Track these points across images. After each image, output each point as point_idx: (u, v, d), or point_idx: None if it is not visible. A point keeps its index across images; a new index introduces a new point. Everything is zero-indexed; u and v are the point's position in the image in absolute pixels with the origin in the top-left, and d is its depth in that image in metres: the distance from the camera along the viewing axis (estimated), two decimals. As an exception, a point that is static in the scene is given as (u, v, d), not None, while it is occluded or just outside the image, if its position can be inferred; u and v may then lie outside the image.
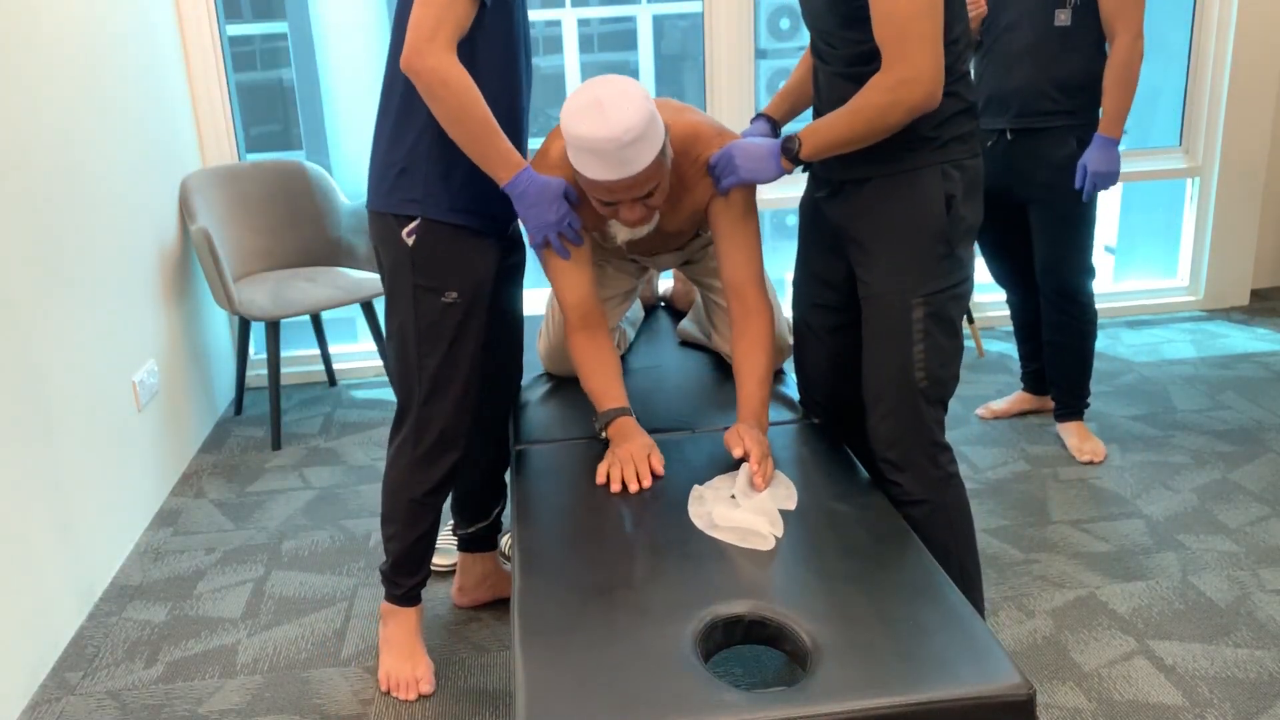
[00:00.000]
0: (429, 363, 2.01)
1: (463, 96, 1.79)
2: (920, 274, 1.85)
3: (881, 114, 1.73)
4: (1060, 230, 2.91)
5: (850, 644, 1.41)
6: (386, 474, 2.12)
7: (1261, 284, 4.52)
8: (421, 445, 2.07)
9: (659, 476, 1.90)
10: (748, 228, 1.99)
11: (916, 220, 1.84)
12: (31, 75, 2.45)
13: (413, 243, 1.94)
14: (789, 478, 1.87)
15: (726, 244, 2.00)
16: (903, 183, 1.85)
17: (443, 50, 1.77)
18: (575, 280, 2.02)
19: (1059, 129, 2.83)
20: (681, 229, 2.10)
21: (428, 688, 2.19)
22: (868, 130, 1.76)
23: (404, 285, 1.98)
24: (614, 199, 1.83)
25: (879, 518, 1.73)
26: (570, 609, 1.52)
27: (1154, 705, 2.04)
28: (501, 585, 2.48)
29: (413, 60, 1.77)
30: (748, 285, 1.99)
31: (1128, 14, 2.68)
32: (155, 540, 2.86)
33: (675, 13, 4.10)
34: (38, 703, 2.20)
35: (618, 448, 1.93)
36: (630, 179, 1.79)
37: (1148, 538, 2.63)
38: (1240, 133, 4.09)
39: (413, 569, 2.17)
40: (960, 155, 1.86)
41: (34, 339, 2.35)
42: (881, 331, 1.89)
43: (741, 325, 2.00)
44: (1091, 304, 2.99)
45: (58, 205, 2.53)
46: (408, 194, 1.93)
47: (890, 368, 1.89)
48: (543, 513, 1.80)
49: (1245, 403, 3.39)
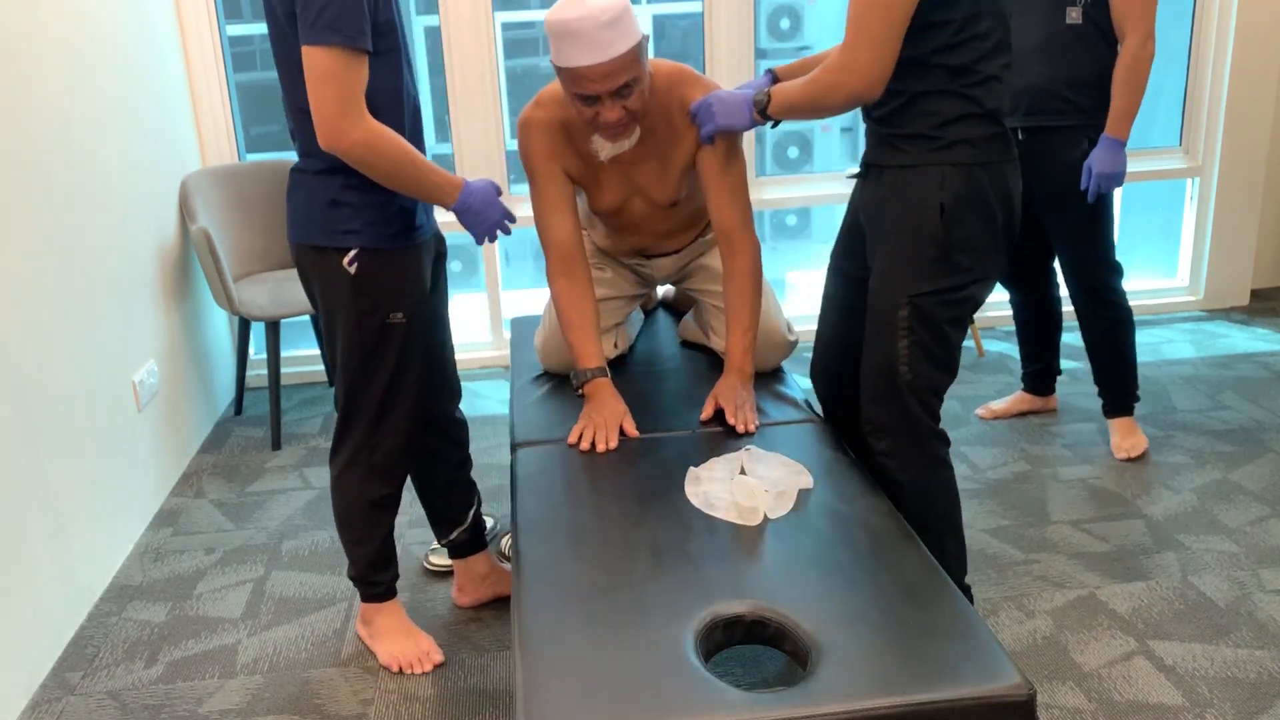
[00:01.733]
0: (379, 380, 2.04)
1: (393, 155, 1.82)
2: (907, 274, 1.88)
3: (826, 91, 1.83)
4: (1079, 232, 2.87)
5: (850, 644, 1.41)
6: (339, 484, 2.14)
7: (1261, 284, 4.52)
8: (377, 455, 2.11)
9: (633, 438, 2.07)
10: (733, 172, 2.12)
11: (911, 219, 1.87)
12: (31, 75, 2.45)
13: (355, 270, 1.95)
14: (789, 478, 1.87)
15: (714, 190, 2.12)
16: (904, 178, 1.88)
17: (358, 121, 1.78)
18: (558, 220, 2.15)
19: (1070, 128, 2.80)
20: (676, 192, 2.17)
21: (439, 656, 2.25)
22: (814, 104, 1.85)
23: (348, 312, 1.99)
24: (594, 92, 1.92)
25: (880, 518, 1.73)
26: (570, 609, 1.52)
27: (1154, 705, 2.04)
28: (502, 583, 2.48)
29: (336, 142, 1.78)
30: (734, 228, 2.12)
31: (1139, 14, 2.65)
32: (155, 540, 2.85)
33: (675, 13, 4.09)
34: (38, 703, 2.20)
35: (592, 410, 2.10)
36: (607, 63, 1.88)
37: (1148, 538, 2.63)
38: (1240, 133, 4.09)
39: (385, 564, 2.23)
40: (965, 159, 1.85)
41: (34, 339, 2.35)
42: (872, 322, 1.95)
43: (729, 267, 2.13)
44: (1123, 301, 2.94)
45: (57, 205, 2.53)
46: (344, 225, 1.94)
47: (877, 359, 1.95)
48: (542, 513, 1.80)
49: (1245, 403, 3.39)
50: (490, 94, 3.80)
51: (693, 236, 2.39)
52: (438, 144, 4.10)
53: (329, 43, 1.73)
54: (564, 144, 2.13)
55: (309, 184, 1.95)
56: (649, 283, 2.49)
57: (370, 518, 2.15)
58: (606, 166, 2.16)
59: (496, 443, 3.37)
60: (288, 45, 1.85)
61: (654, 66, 2.10)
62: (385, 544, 2.20)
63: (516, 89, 4.02)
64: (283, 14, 1.82)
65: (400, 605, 2.29)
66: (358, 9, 1.74)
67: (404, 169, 1.85)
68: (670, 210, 2.24)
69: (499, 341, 4.12)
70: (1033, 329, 3.24)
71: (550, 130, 2.12)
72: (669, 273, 2.46)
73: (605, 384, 2.14)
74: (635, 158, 2.15)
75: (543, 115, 2.12)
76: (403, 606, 2.31)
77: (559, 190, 2.15)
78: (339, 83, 1.75)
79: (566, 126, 2.12)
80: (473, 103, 3.81)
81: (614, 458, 1.99)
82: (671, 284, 2.53)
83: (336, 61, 1.74)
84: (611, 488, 1.87)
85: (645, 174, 2.17)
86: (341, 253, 1.94)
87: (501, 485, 3.09)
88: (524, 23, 3.99)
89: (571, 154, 2.14)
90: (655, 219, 2.26)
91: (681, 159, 2.14)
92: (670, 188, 2.18)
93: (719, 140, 2.10)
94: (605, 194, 2.20)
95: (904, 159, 1.88)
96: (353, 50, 1.75)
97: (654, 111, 2.10)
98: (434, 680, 2.22)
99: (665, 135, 2.11)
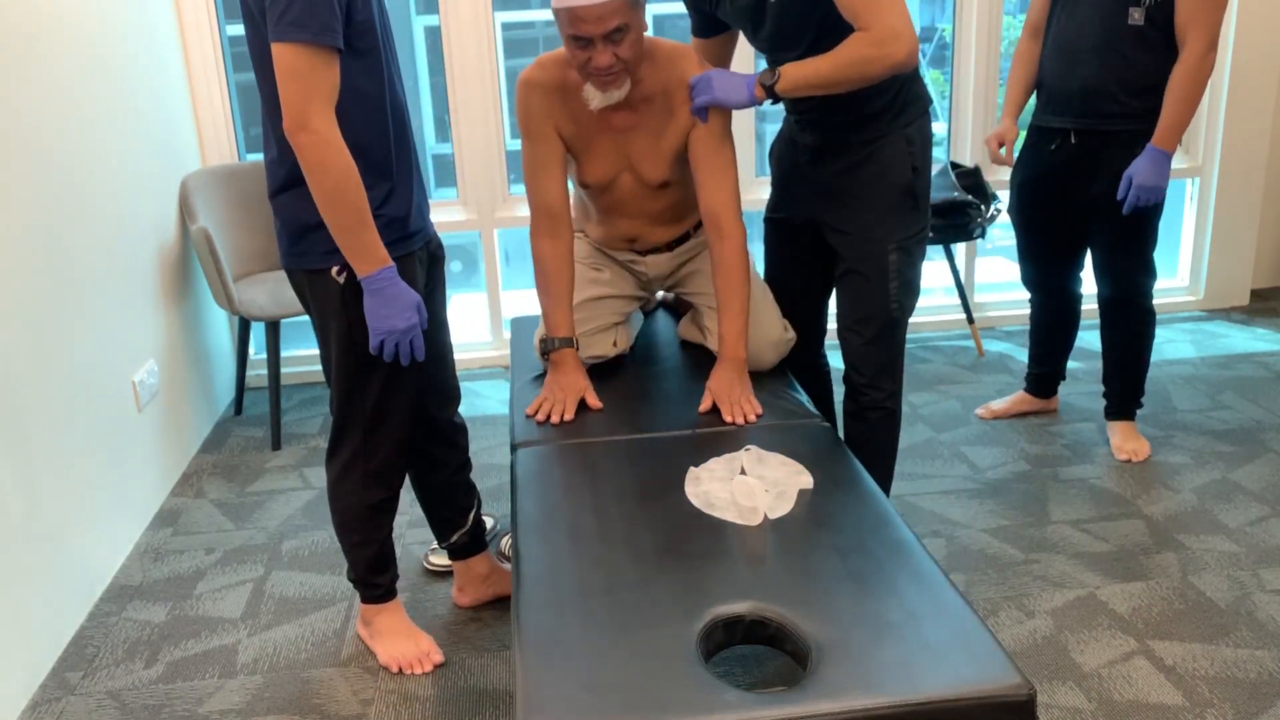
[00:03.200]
0: (372, 389, 2.03)
1: (344, 172, 1.78)
2: (893, 226, 2.20)
3: (865, 63, 1.95)
4: (1123, 241, 2.80)
5: (850, 644, 1.41)
6: (336, 489, 2.14)
7: (1261, 284, 4.52)
8: (373, 461, 2.10)
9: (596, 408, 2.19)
10: (723, 155, 2.16)
11: (889, 181, 2.18)
12: (32, 75, 2.45)
13: (344, 280, 1.93)
14: (789, 478, 1.87)
15: (704, 172, 2.16)
16: (877, 149, 2.18)
17: (323, 116, 1.75)
18: (547, 180, 2.20)
19: (1126, 133, 2.69)
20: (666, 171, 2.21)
21: (439, 656, 2.25)
22: (847, 77, 1.97)
23: (339, 322, 1.97)
24: (587, 34, 1.95)
25: (879, 519, 1.73)
26: (570, 609, 1.52)
27: (1154, 705, 2.04)
28: (503, 583, 2.48)
29: (298, 129, 1.75)
30: (722, 211, 2.16)
31: (1205, 22, 2.53)
32: (155, 540, 2.86)
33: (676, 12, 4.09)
34: (38, 703, 2.20)
35: (554, 381, 2.22)
36: (601, 4, 1.91)
37: (1148, 538, 2.63)
38: (1240, 133, 4.09)
39: (385, 566, 2.23)
40: (915, 117, 2.19)
41: (34, 339, 2.35)
42: (862, 274, 2.23)
43: (717, 253, 2.18)
44: (1151, 306, 2.90)
45: (58, 205, 2.53)
46: (328, 246, 1.91)
47: (874, 303, 2.23)
48: (542, 513, 1.80)
49: (1245, 403, 3.39)
50: (490, 94, 3.80)
51: (682, 231, 2.40)
52: (437, 144, 4.10)
53: (296, 39, 1.71)
54: (560, 105, 2.16)
55: (291, 208, 1.92)
56: (645, 284, 2.50)
57: (368, 521, 2.15)
58: (600, 134, 2.18)
59: (496, 443, 3.37)
60: (265, 45, 1.82)
61: (659, 42, 2.14)
62: (384, 546, 2.20)
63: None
64: (257, 10, 1.81)
65: (400, 605, 2.29)
66: (326, 6, 1.71)
67: (347, 195, 1.79)
68: (659, 192, 2.27)
69: (499, 341, 4.12)
70: (1047, 331, 3.19)
71: (548, 90, 2.15)
72: (663, 274, 2.46)
73: (570, 354, 2.22)
74: (629, 124, 2.17)
75: (542, 75, 2.15)
76: (403, 606, 2.31)
77: (550, 150, 2.18)
78: (305, 79, 1.73)
79: (565, 89, 2.15)
80: (473, 103, 3.81)
81: (614, 458, 1.99)
82: (667, 289, 2.54)
83: (303, 59, 1.72)
84: (611, 488, 1.87)
85: (638, 145, 2.19)
86: (331, 267, 1.94)
87: (501, 485, 3.09)
88: (524, 23, 3.99)
89: (567, 116, 2.17)
90: (645, 199, 2.28)
91: (674, 137, 2.17)
92: (661, 165, 2.20)
93: (711, 123, 2.12)
94: (596, 163, 2.23)
95: (870, 133, 2.17)
96: (320, 47, 1.73)
97: (653, 81, 2.13)
98: (434, 680, 2.22)
99: (661, 108, 2.14)
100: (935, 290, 4.32)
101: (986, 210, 3.72)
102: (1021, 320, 4.26)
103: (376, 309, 1.90)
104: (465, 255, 4.34)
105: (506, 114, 3.95)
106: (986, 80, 3.99)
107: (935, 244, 3.78)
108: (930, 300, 4.33)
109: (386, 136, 1.92)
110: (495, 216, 3.94)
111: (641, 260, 2.44)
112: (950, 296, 4.29)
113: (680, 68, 2.13)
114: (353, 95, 1.84)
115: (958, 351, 4.00)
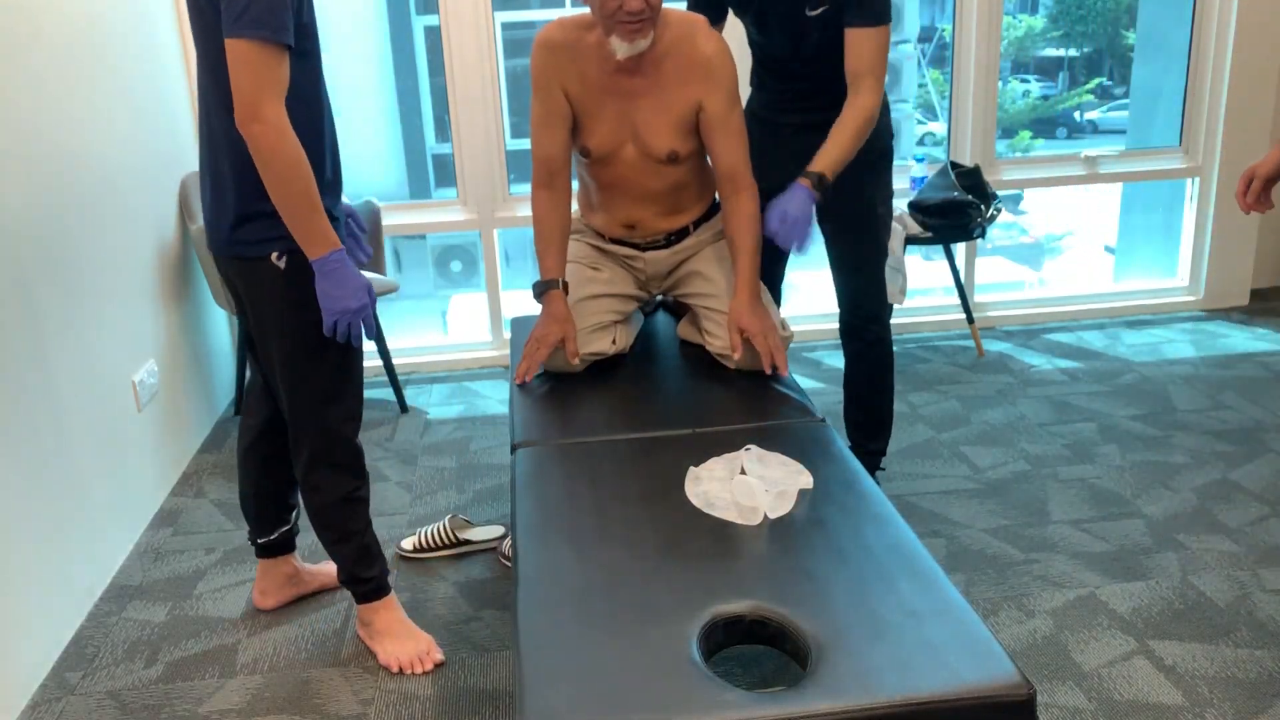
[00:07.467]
0: (321, 375, 2.05)
1: (295, 161, 1.82)
2: (878, 185, 2.54)
3: (869, 127, 2.33)
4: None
5: (850, 644, 1.41)
6: (306, 488, 2.15)
7: (1261, 284, 4.52)
8: (335, 451, 2.12)
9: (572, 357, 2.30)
10: (734, 118, 2.26)
11: (874, 148, 2.45)
12: (31, 75, 2.45)
13: (284, 265, 1.95)
14: (789, 477, 1.87)
15: (718, 135, 2.25)
16: None
17: (276, 106, 1.78)
18: (550, 135, 2.28)
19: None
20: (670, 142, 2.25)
21: (439, 656, 2.25)
22: (860, 142, 2.33)
23: (282, 308, 1.99)
24: None
25: (880, 519, 1.73)
26: (570, 609, 1.52)
27: (1154, 705, 2.04)
28: (303, 583, 2.51)
29: (251, 120, 1.78)
30: (737, 167, 2.27)
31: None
32: (155, 540, 2.85)
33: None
34: (38, 703, 2.20)
35: (538, 325, 2.33)
36: None
37: (1148, 538, 2.63)
38: (1240, 133, 4.09)
39: (371, 561, 2.23)
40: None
41: (34, 339, 2.35)
42: (859, 226, 2.55)
43: (733, 203, 2.29)
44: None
45: (58, 205, 2.53)
46: (269, 233, 1.94)
47: (870, 247, 2.57)
48: (542, 513, 1.80)
49: (1245, 403, 3.39)
50: (490, 94, 3.80)
51: (681, 224, 2.40)
52: (437, 144, 4.10)
53: (253, 36, 1.74)
54: (570, 64, 2.22)
55: (224, 194, 1.95)
56: (644, 284, 2.50)
57: (345, 514, 2.16)
58: (607, 98, 2.23)
59: (496, 443, 3.37)
60: (214, 36, 1.85)
61: (669, 9, 2.22)
62: (365, 538, 2.21)
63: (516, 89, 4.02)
64: (208, 5, 1.83)
65: (399, 605, 2.29)
66: (283, 6, 1.76)
67: (297, 183, 1.83)
68: (661, 168, 2.29)
69: (499, 341, 4.12)
70: None
71: (561, 49, 2.22)
72: (661, 272, 2.46)
73: (558, 295, 2.32)
74: (636, 90, 2.21)
75: (559, 35, 2.23)
76: (402, 606, 2.31)
77: (556, 108, 2.25)
78: (259, 73, 1.76)
79: (578, 49, 2.21)
80: (473, 103, 3.81)
81: (614, 458, 1.99)
82: (665, 292, 2.55)
83: (258, 54, 1.75)
84: (611, 488, 1.87)
85: (644, 112, 2.23)
86: (270, 254, 1.95)
87: (501, 485, 3.09)
88: (524, 23, 3.99)
89: (575, 77, 2.23)
90: (646, 174, 2.31)
91: (681, 106, 2.22)
92: (665, 134, 2.24)
93: (722, 90, 2.22)
94: (601, 129, 2.26)
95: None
96: (276, 45, 1.77)
97: (667, 45, 2.18)
98: (434, 680, 2.22)
99: (671, 74, 2.20)
100: (935, 290, 4.32)
101: (986, 210, 3.72)
102: (1021, 320, 4.26)
103: (329, 290, 1.93)
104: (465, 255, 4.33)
105: (506, 114, 3.95)
106: (986, 80, 3.99)
107: (935, 244, 3.78)
108: (930, 300, 4.33)
109: (322, 137, 1.97)
110: (495, 216, 3.94)
111: (640, 256, 2.45)
112: (950, 296, 4.28)
113: (693, 36, 2.19)
114: (293, 95, 1.88)
115: (958, 351, 4.00)
